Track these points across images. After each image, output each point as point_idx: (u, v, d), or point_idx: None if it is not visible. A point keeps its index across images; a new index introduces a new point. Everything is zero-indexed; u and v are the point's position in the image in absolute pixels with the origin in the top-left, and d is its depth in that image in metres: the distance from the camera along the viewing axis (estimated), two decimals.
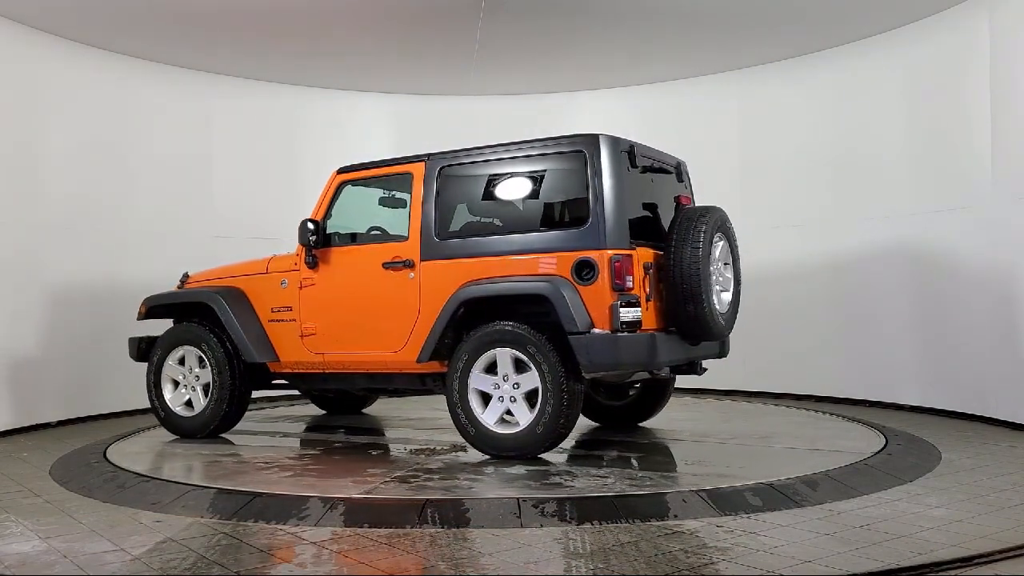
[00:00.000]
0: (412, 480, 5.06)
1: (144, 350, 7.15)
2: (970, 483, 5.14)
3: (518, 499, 4.48)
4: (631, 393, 6.88)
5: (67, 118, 8.31)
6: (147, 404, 8.62)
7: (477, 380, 5.70)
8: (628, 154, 5.71)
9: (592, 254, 5.41)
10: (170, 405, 6.96)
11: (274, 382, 7.00)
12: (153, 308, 7.19)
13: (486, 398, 5.70)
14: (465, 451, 5.92)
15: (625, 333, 5.35)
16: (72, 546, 4.06)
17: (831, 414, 7.72)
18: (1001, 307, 7.25)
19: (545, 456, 5.68)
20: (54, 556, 3.91)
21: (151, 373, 7.04)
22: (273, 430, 7.38)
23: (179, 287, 7.28)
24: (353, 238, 6.50)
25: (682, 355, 5.88)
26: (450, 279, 5.84)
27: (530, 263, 5.61)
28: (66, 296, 8.24)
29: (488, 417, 5.67)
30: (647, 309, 5.54)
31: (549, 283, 5.46)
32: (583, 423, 6.97)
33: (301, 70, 9.56)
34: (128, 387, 8.71)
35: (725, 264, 6.00)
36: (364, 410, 8.41)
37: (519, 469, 5.33)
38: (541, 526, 4.24)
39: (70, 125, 8.34)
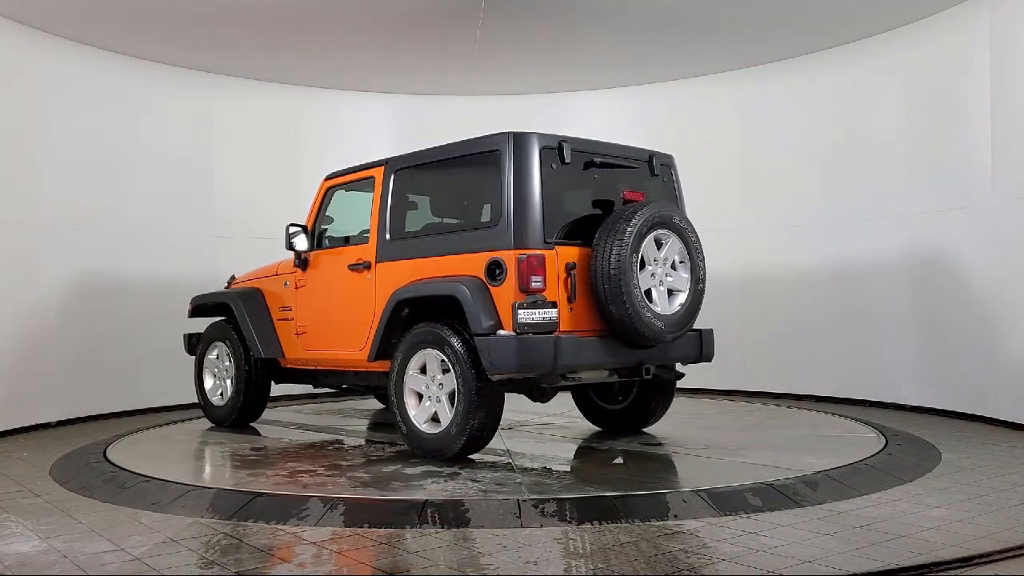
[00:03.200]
0: (299, 476, 5.22)
1: (193, 345, 7.82)
2: (970, 483, 5.14)
3: (518, 499, 4.48)
4: (632, 393, 6.68)
5: (66, 118, 8.31)
6: (147, 404, 8.90)
7: (412, 380, 5.76)
8: (557, 151, 5.56)
9: (501, 254, 5.35)
10: (208, 396, 7.61)
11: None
12: (196, 307, 7.77)
13: (422, 398, 5.76)
14: (413, 454, 5.90)
15: (530, 335, 5.21)
16: (72, 546, 4.06)
17: (831, 414, 7.72)
18: (1001, 307, 7.25)
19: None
20: (54, 556, 3.91)
21: (196, 366, 7.71)
22: (302, 423, 7.72)
23: (226, 288, 7.81)
24: (347, 240, 6.68)
25: (613, 359, 5.58)
26: (398, 279, 5.93)
27: (455, 263, 5.60)
28: (66, 296, 8.24)
29: (418, 417, 5.72)
30: (570, 310, 5.41)
31: (461, 284, 5.44)
32: (586, 427, 6.93)
33: (301, 70, 9.56)
34: (129, 387, 8.75)
35: (681, 263, 5.75)
36: None
37: (415, 469, 5.37)
38: (541, 526, 4.24)
39: (69, 125, 8.34)
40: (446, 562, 3.72)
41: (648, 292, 5.54)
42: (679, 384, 9.16)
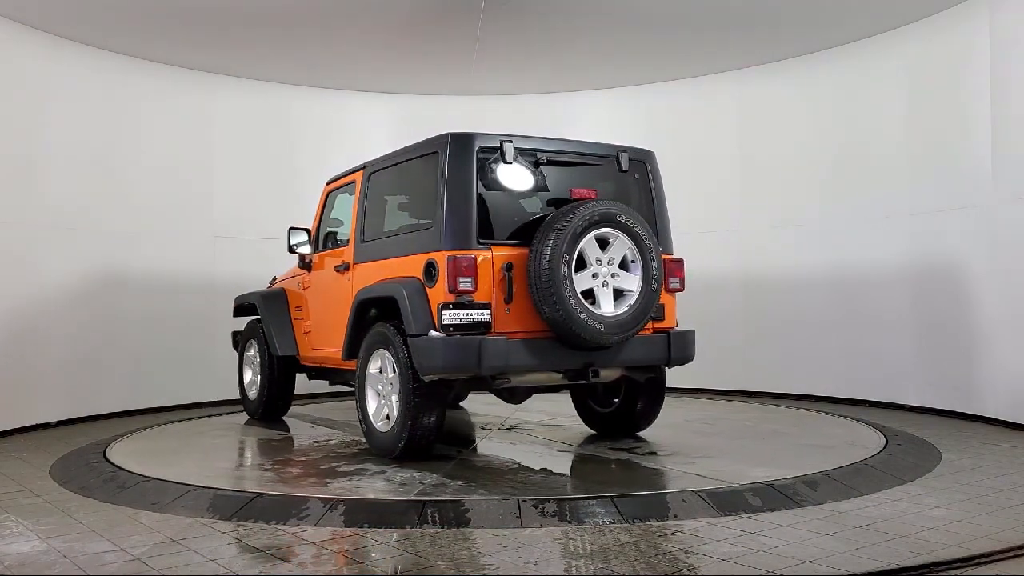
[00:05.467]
0: (239, 470, 5.63)
1: (237, 342, 8.24)
2: (970, 483, 5.15)
3: (518, 499, 4.48)
4: (622, 397, 6.53)
5: (66, 118, 8.30)
6: (146, 404, 8.88)
7: (371, 379, 5.88)
8: (499, 151, 5.54)
9: (435, 255, 5.37)
10: (245, 389, 8.05)
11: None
12: (237, 307, 8.14)
13: (380, 397, 5.88)
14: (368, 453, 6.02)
15: (457, 336, 5.21)
16: (72, 546, 4.06)
17: (831, 414, 7.72)
18: (1001, 307, 7.25)
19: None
20: (54, 556, 3.91)
21: (238, 361, 8.17)
22: (327, 418, 7.99)
23: (268, 287, 8.12)
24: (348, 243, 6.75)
25: (551, 361, 5.43)
26: (367, 280, 6.03)
27: (404, 265, 5.67)
28: (65, 296, 8.23)
29: (376, 415, 5.84)
30: (507, 311, 5.34)
31: (401, 286, 5.50)
32: (582, 431, 6.85)
33: (301, 70, 9.56)
34: (129, 387, 8.74)
35: (633, 262, 5.49)
36: (462, 404, 8.57)
37: (350, 467, 5.49)
38: (541, 526, 4.24)
39: (69, 125, 8.33)
40: (446, 562, 3.72)
41: (589, 293, 5.39)
42: (679, 385, 9.32)
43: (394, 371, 5.62)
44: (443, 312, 5.21)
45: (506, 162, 5.54)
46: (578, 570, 3.59)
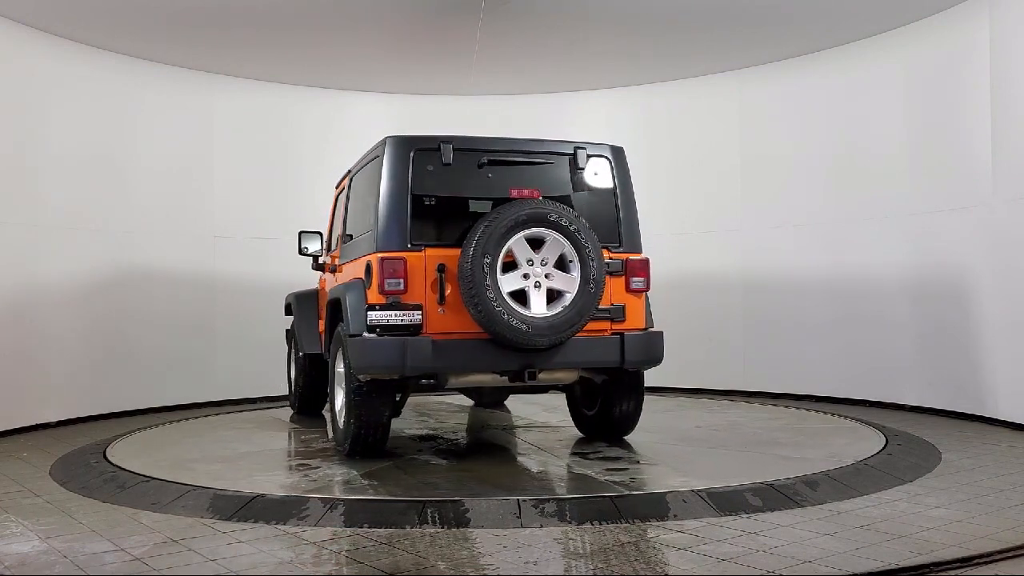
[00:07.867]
0: (189, 463, 5.70)
1: (289, 339, 8.49)
2: (970, 483, 5.15)
3: (518, 499, 4.49)
4: (600, 400, 6.39)
5: (66, 118, 8.29)
6: (144, 404, 8.86)
7: (339, 377, 6.01)
8: (437, 152, 5.53)
9: (371, 257, 5.48)
10: (290, 384, 8.42)
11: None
12: (286, 306, 8.34)
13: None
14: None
15: (384, 337, 5.27)
16: (72, 546, 4.06)
17: (831, 414, 7.72)
18: (1000, 307, 7.25)
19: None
20: (54, 556, 3.91)
21: (287, 356, 8.47)
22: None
23: None
24: None
25: (483, 361, 5.40)
26: (343, 282, 6.18)
27: (357, 267, 5.82)
28: (65, 296, 8.22)
29: (339, 412, 5.97)
30: (441, 312, 5.36)
31: (346, 288, 5.67)
32: (573, 434, 6.76)
33: (301, 70, 9.55)
34: (128, 387, 8.73)
35: (571, 262, 5.38)
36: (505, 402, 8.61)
37: (295, 461, 5.71)
38: (541, 526, 4.24)
39: (69, 125, 8.32)
40: (446, 562, 3.72)
41: (521, 293, 5.32)
42: (679, 385, 9.34)
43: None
44: (369, 313, 5.33)
45: (444, 164, 5.56)
46: (578, 570, 3.59)
